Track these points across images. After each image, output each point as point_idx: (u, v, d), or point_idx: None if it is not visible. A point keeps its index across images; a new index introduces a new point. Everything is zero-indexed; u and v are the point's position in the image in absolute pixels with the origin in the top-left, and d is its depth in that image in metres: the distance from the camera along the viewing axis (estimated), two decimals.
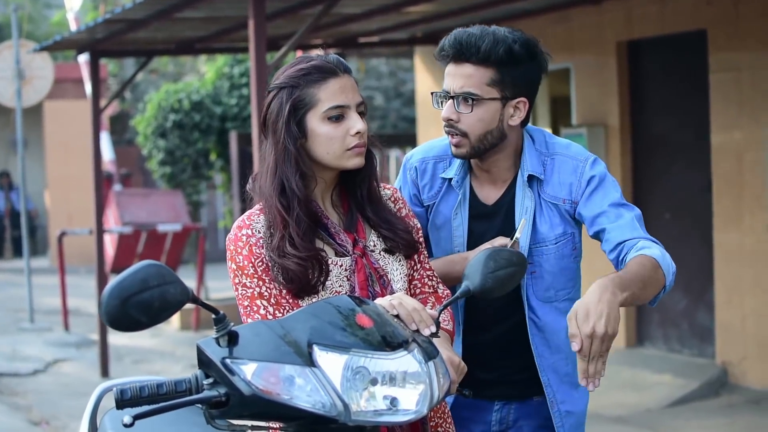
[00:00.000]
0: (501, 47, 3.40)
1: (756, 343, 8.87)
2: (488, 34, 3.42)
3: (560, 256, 3.52)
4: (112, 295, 2.53)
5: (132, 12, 9.00)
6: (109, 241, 14.20)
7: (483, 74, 3.42)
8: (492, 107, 3.45)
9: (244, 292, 3.02)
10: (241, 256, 3.03)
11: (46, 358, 11.83)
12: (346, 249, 3.10)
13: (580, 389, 3.59)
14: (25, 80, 13.88)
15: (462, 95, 3.43)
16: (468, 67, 3.42)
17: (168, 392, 2.64)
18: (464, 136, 3.46)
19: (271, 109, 3.08)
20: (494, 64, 3.41)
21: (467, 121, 3.44)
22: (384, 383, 2.58)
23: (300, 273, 2.97)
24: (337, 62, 3.09)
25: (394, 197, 3.29)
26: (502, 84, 3.44)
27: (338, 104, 3.04)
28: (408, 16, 10.67)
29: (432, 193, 3.65)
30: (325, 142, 3.05)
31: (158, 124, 16.86)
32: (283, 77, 3.09)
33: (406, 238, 3.17)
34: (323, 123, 3.04)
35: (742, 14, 8.80)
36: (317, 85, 3.04)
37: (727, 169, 9.01)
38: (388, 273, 3.13)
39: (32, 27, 27.15)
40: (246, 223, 3.07)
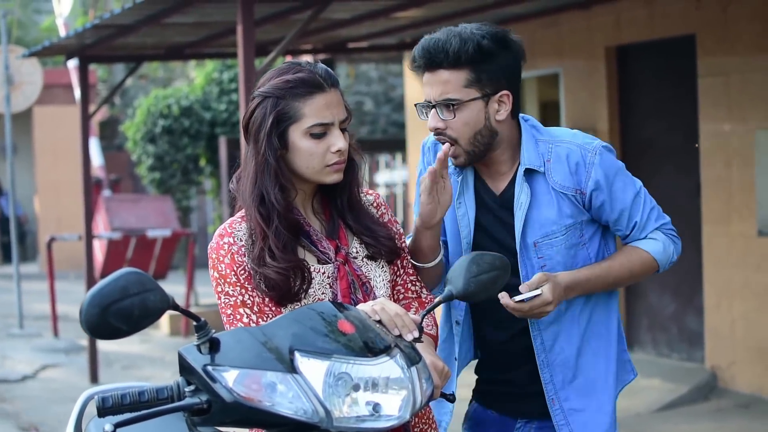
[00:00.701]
0: (469, 46, 3.33)
1: (745, 348, 8.88)
2: (454, 35, 3.36)
3: (569, 245, 3.44)
4: (92, 303, 2.52)
5: (121, 17, 8.99)
6: (99, 247, 14.17)
7: (458, 77, 3.35)
8: (475, 108, 3.37)
9: (227, 300, 3.01)
10: (223, 264, 3.02)
11: (35, 363, 11.80)
12: (329, 256, 3.08)
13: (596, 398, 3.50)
14: (15, 85, 13.87)
15: (443, 102, 3.36)
16: (442, 72, 3.35)
17: (149, 399, 2.63)
18: (455, 142, 3.38)
19: (255, 117, 3.06)
20: (467, 64, 3.34)
21: (454, 126, 3.37)
22: (366, 389, 2.57)
23: (281, 281, 2.96)
24: (325, 75, 3.05)
25: (377, 203, 3.27)
26: (479, 82, 3.36)
27: (322, 122, 3.02)
28: (397, 22, 10.67)
29: None
30: (305, 157, 3.04)
31: (148, 130, 16.84)
32: (269, 85, 3.05)
33: (388, 245, 3.15)
34: (305, 138, 3.03)
35: (730, 19, 8.81)
36: (302, 100, 3.01)
37: (716, 173, 9.02)
38: (371, 280, 3.12)
39: (22, 32, 27.13)
40: (227, 231, 3.06)
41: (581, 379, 3.49)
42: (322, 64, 3.09)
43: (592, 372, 3.50)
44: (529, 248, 3.43)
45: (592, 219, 3.47)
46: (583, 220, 3.45)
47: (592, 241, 3.49)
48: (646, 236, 3.48)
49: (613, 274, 3.44)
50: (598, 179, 3.40)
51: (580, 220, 3.44)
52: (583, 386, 3.49)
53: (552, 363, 3.47)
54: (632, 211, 3.45)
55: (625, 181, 3.46)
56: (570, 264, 3.44)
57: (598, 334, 3.51)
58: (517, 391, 3.55)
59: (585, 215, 3.45)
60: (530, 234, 3.42)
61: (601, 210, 3.43)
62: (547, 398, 3.48)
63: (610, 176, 3.42)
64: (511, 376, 3.55)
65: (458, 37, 3.35)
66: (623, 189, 3.44)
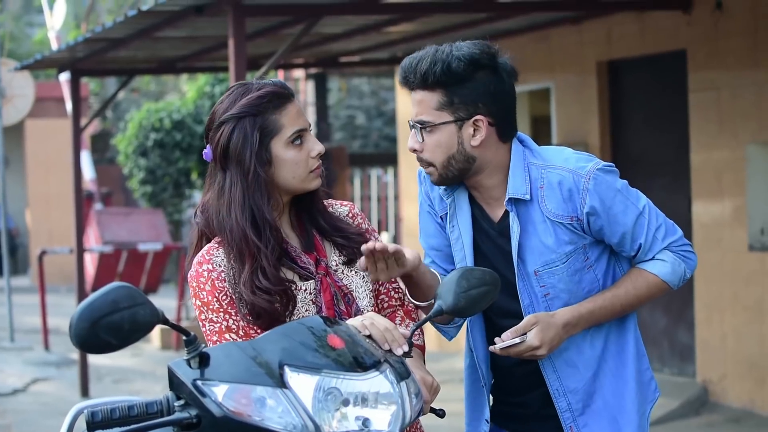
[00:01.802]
0: (437, 67, 3.21)
1: (736, 362, 8.89)
2: (428, 55, 3.24)
3: (572, 271, 3.31)
4: (81, 317, 2.51)
5: (113, 31, 9.01)
6: (90, 260, 14.16)
7: (431, 98, 3.24)
8: (446, 131, 3.25)
9: (212, 327, 3.01)
10: (205, 291, 3.02)
11: (26, 377, 11.77)
12: (309, 271, 3.08)
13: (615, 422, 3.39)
14: (6, 98, 13.88)
15: (417, 123, 3.28)
16: (418, 93, 3.26)
17: (139, 414, 2.62)
18: (430, 164, 3.29)
19: (235, 141, 3.03)
20: (437, 85, 3.22)
21: (427, 149, 3.27)
22: (356, 404, 2.58)
23: (270, 309, 2.96)
24: (286, 86, 3.12)
25: (352, 213, 3.27)
26: (452, 105, 3.23)
27: (299, 128, 3.07)
28: (389, 36, 10.70)
29: (443, 205, 3.45)
30: (292, 166, 3.06)
31: (139, 143, 16.86)
32: (238, 107, 3.04)
33: (359, 241, 3.14)
34: (288, 148, 3.06)
35: (721, 34, 8.84)
36: (278, 111, 3.05)
37: (707, 188, 9.04)
38: (352, 291, 3.12)
39: (14, 45, 27.11)
40: (206, 258, 3.06)
41: (599, 402, 3.39)
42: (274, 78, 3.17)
43: (611, 395, 3.40)
44: (530, 276, 3.33)
45: (596, 240, 3.36)
46: (585, 243, 3.33)
47: (599, 261, 3.37)
48: (653, 257, 3.36)
49: (619, 302, 3.34)
50: (594, 205, 3.27)
51: (581, 245, 3.32)
52: (601, 410, 3.39)
53: (567, 390, 3.37)
54: (635, 233, 3.33)
55: (626, 203, 3.34)
56: (575, 289, 3.33)
57: (615, 354, 3.41)
58: (531, 413, 3.46)
59: (586, 239, 3.33)
60: (530, 262, 3.32)
61: (601, 233, 3.32)
62: (565, 427, 3.38)
63: (607, 200, 3.30)
64: (523, 399, 3.47)
65: (430, 57, 3.23)
66: (623, 212, 3.32)
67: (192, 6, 7.87)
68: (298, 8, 8.22)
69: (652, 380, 3.50)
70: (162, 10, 8.05)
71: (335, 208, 3.23)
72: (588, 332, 3.37)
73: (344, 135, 18.48)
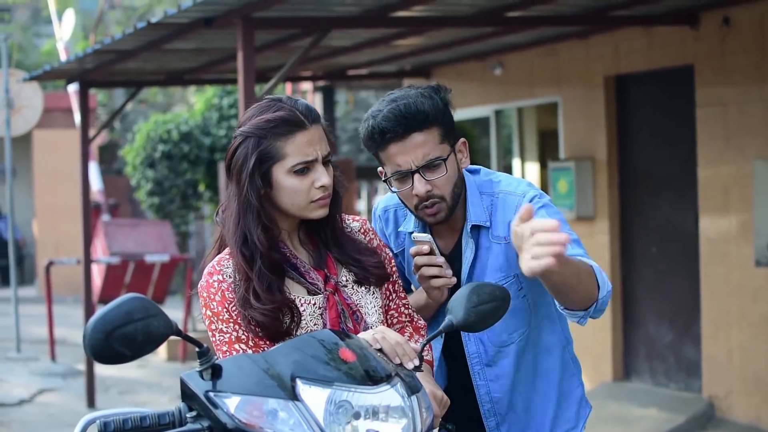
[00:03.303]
0: (436, 101, 3.36)
1: (742, 377, 8.89)
2: (417, 96, 3.35)
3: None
4: (95, 328, 2.52)
5: (122, 43, 9.03)
6: (97, 271, 14.18)
7: (432, 136, 3.35)
8: (452, 161, 3.40)
9: (222, 338, 2.99)
10: (215, 302, 3.00)
11: (32, 387, 11.78)
12: (318, 287, 3.07)
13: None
14: (15, 109, 13.90)
15: (427, 164, 3.35)
16: (416, 136, 3.33)
17: (151, 425, 2.64)
18: (441, 200, 3.39)
19: (237, 157, 3.03)
20: (435, 120, 3.34)
21: (440, 185, 3.37)
22: (367, 417, 2.59)
23: (268, 322, 2.95)
24: (306, 112, 3.02)
25: (364, 228, 3.26)
26: (447, 136, 3.38)
27: (305, 160, 2.99)
28: (397, 49, 10.72)
29: (399, 242, 3.63)
30: (290, 194, 3.01)
31: (147, 155, 16.89)
32: (249, 125, 3.02)
33: (376, 273, 3.14)
34: (288, 176, 3.00)
35: (728, 49, 8.86)
36: (284, 139, 2.98)
37: (714, 203, 9.04)
38: (361, 308, 3.11)
39: (22, 56, 27.21)
40: (216, 268, 3.04)
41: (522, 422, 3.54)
42: (303, 100, 3.06)
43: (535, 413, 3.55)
44: None
45: None
46: (518, 273, 3.41)
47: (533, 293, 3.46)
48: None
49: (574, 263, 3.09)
50: None
51: (514, 274, 3.42)
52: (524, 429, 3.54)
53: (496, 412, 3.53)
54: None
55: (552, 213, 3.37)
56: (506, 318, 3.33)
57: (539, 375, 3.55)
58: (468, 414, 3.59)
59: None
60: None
61: None
62: None
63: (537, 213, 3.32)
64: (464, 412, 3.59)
65: (422, 96, 3.35)
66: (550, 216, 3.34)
67: (201, 18, 7.90)
68: (307, 21, 8.25)
69: (583, 397, 3.63)
70: (171, 23, 8.08)
71: (347, 223, 3.22)
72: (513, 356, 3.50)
73: (351, 148, 18.51)
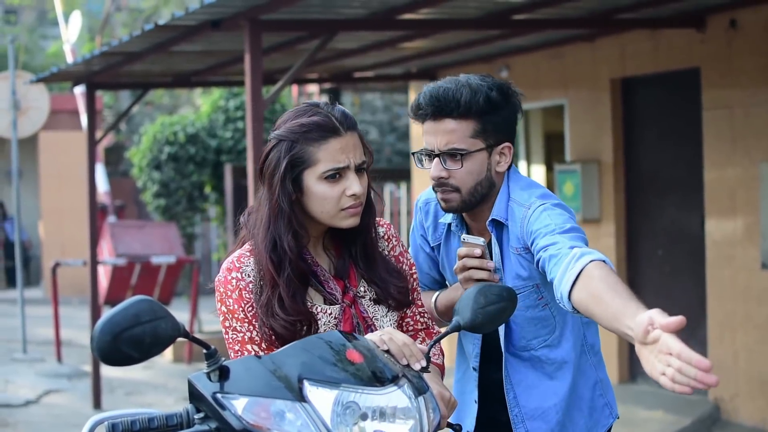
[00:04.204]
0: (480, 97, 3.34)
1: (748, 380, 8.88)
2: (464, 86, 3.35)
3: (524, 307, 3.42)
4: (103, 330, 2.53)
5: (129, 45, 9.05)
6: (103, 273, 14.19)
7: (465, 127, 3.36)
8: (479, 158, 3.39)
9: (235, 336, 2.98)
10: (231, 299, 2.98)
11: (38, 389, 11.80)
12: (335, 297, 3.05)
13: None
14: (21, 111, 13.91)
15: (448, 152, 3.37)
16: (448, 122, 3.35)
17: (159, 426, 2.65)
18: (456, 191, 3.40)
19: (269, 161, 3.00)
20: (475, 115, 3.34)
21: (457, 176, 3.39)
22: (374, 418, 2.60)
23: (287, 334, 2.92)
24: (341, 118, 2.98)
25: (387, 235, 3.22)
26: (485, 133, 3.37)
27: (336, 167, 2.95)
28: (403, 52, 10.73)
29: (437, 235, 3.63)
30: (320, 201, 2.98)
31: (153, 156, 16.90)
32: (284, 128, 3.00)
33: (398, 298, 3.12)
34: (320, 182, 2.96)
35: (735, 52, 8.86)
36: (317, 144, 2.95)
37: (720, 206, 9.04)
38: (377, 321, 3.10)
39: (28, 58, 27.25)
40: (236, 265, 3.02)
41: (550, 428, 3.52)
42: (341, 106, 3.03)
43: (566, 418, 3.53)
44: None
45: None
46: (538, 283, 3.41)
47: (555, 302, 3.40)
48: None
49: None
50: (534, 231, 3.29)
51: (533, 284, 3.42)
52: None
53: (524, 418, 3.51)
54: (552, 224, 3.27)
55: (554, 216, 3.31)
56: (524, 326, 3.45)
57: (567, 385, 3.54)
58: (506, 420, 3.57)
59: (541, 277, 3.38)
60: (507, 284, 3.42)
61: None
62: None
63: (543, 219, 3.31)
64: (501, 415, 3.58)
65: (468, 88, 3.34)
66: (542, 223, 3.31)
67: (208, 21, 7.91)
68: (313, 24, 8.26)
69: (605, 406, 3.61)
70: (178, 25, 8.09)
71: (376, 243, 3.16)
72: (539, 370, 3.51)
73: None
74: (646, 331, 2.59)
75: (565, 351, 3.51)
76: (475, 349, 3.57)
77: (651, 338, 2.57)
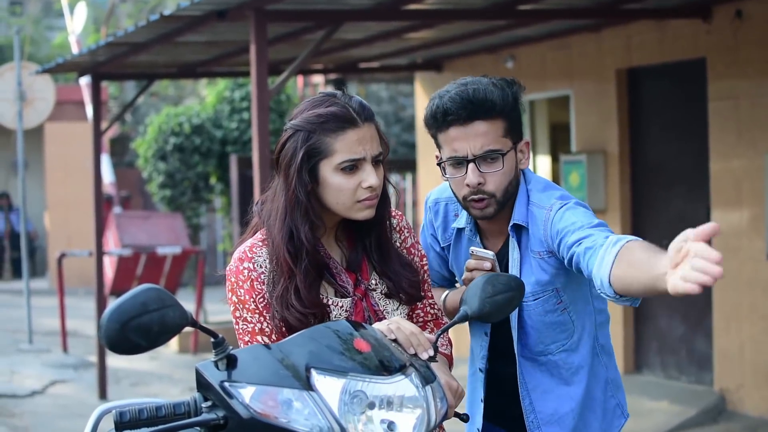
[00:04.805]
0: (508, 94, 3.30)
1: (754, 371, 8.88)
2: (488, 85, 3.29)
3: (543, 312, 3.40)
4: (111, 318, 2.53)
5: (134, 35, 9.04)
6: (109, 263, 14.20)
7: (497, 128, 3.30)
8: (511, 158, 3.34)
9: (245, 326, 2.99)
10: (242, 290, 2.98)
11: (44, 379, 11.81)
12: (347, 290, 3.04)
13: None
14: (27, 102, 13.92)
15: (484, 155, 3.30)
16: (479, 124, 3.28)
17: (167, 415, 2.65)
18: (491, 197, 3.33)
19: (286, 151, 2.99)
20: (503, 113, 3.29)
21: (494, 180, 3.32)
22: (381, 407, 2.59)
23: (300, 327, 2.89)
24: (359, 109, 2.97)
25: (400, 226, 3.21)
26: (511, 132, 3.33)
27: (353, 158, 2.94)
28: (408, 42, 10.72)
29: (446, 236, 3.59)
30: (335, 192, 2.96)
31: (159, 147, 16.91)
32: (301, 118, 2.98)
33: (410, 292, 3.10)
34: (336, 173, 2.95)
35: (741, 43, 8.84)
36: (334, 135, 2.93)
37: (726, 197, 9.03)
38: (387, 314, 3.08)
39: (34, 49, 27.24)
40: (248, 255, 3.01)
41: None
42: (358, 97, 3.02)
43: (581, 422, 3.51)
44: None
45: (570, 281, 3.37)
46: (557, 288, 3.38)
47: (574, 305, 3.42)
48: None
49: None
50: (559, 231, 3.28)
51: (552, 288, 3.39)
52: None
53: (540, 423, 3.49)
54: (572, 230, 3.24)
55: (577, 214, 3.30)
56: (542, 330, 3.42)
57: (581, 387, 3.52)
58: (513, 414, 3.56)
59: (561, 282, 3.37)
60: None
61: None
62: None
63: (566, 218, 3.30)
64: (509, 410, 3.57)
65: (493, 86, 3.29)
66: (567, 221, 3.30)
67: (214, 11, 7.90)
68: (319, 14, 8.25)
69: (616, 407, 3.60)
70: (184, 15, 8.08)
71: (390, 236, 3.15)
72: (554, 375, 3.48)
73: None
74: (678, 249, 2.50)
75: (582, 356, 3.49)
76: (482, 351, 3.55)
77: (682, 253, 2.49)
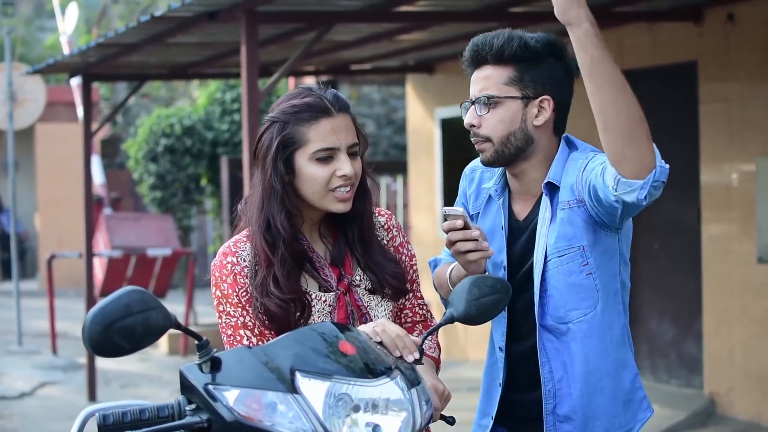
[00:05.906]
0: (515, 43, 3.30)
1: (744, 374, 8.88)
2: (503, 32, 3.35)
3: (567, 272, 3.32)
4: (94, 320, 2.52)
5: (125, 36, 9.03)
6: (99, 265, 14.17)
7: (500, 73, 3.32)
8: (512, 107, 3.33)
9: (228, 320, 3.01)
10: (226, 284, 3.01)
11: (33, 381, 11.80)
12: (330, 285, 3.06)
13: None
14: (17, 102, 13.91)
15: (481, 98, 3.34)
16: (486, 68, 3.34)
17: (150, 418, 2.64)
18: (487, 140, 3.35)
19: (262, 142, 3.04)
20: (511, 61, 3.31)
21: (488, 123, 3.34)
22: (366, 410, 2.58)
23: (281, 314, 2.95)
24: (333, 100, 3.01)
25: (388, 225, 3.23)
26: (521, 82, 3.32)
27: (327, 146, 2.97)
28: (400, 44, 10.71)
29: (477, 203, 3.55)
30: (310, 181, 2.99)
31: (149, 149, 16.88)
32: (277, 110, 3.03)
33: (394, 285, 3.11)
34: (310, 163, 2.99)
35: (732, 46, 8.85)
36: (308, 124, 2.97)
37: (717, 200, 9.03)
38: (371, 310, 3.09)
39: (25, 50, 27.20)
40: (232, 250, 3.05)
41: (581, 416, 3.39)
42: (333, 90, 3.05)
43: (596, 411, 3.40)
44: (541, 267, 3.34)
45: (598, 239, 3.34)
46: (583, 245, 3.32)
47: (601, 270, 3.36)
48: None
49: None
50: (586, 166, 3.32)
51: (579, 245, 3.32)
52: (581, 425, 3.39)
53: (557, 395, 3.39)
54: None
55: None
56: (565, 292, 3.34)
57: (607, 373, 3.42)
58: (523, 414, 3.49)
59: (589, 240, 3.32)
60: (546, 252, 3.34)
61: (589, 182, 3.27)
62: (546, 429, 3.40)
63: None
64: (525, 398, 3.48)
65: (507, 34, 3.34)
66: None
67: (205, 12, 7.89)
68: (310, 15, 8.24)
69: (644, 399, 3.50)
70: (175, 16, 8.07)
71: (373, 228, 3.17)
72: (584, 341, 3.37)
73: None
74: None
75: (603, 329, 3.41)
76: (501, 327, 3.46)
77: None
